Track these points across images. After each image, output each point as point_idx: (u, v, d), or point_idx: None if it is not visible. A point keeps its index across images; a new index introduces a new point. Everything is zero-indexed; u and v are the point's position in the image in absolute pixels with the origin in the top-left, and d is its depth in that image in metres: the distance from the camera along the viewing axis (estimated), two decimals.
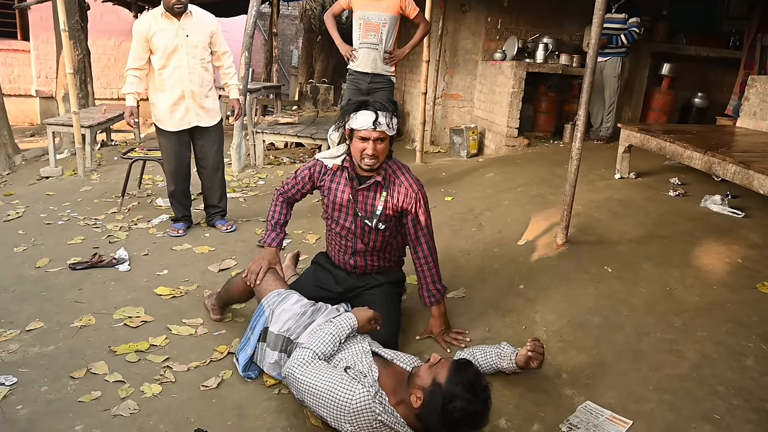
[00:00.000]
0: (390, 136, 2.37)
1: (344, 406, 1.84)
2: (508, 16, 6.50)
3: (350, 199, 2.49)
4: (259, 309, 2.35)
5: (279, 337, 2.23)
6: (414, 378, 1.91)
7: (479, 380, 1.83)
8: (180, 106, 3.72)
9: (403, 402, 1.89)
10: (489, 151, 6.35)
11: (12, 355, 2.40)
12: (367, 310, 2.25)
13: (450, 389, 1.78)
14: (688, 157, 3.48)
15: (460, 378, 1.80)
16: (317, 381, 1.92)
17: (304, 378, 1.95)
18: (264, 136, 6.25)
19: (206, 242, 3.81)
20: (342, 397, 1.85)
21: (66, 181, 5.62)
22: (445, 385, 1.79)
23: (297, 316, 2.29)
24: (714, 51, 6.41)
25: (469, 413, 1.77)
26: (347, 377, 1.91)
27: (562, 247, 3.18)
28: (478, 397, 1.79)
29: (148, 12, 3.72)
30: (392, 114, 2.33)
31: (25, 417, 2.01)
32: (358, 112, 2.33)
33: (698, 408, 1.92)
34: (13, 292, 2.98)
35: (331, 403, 1.87)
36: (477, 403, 1.78)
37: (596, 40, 2.86)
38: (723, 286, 2.62)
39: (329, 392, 1.88)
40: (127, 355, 2.43)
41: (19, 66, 11.42)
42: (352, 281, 2.65)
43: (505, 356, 2.16)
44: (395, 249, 2.68)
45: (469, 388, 1.79)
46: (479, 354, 2.22)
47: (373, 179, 2.44)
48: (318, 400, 1.90)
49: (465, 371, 1.84)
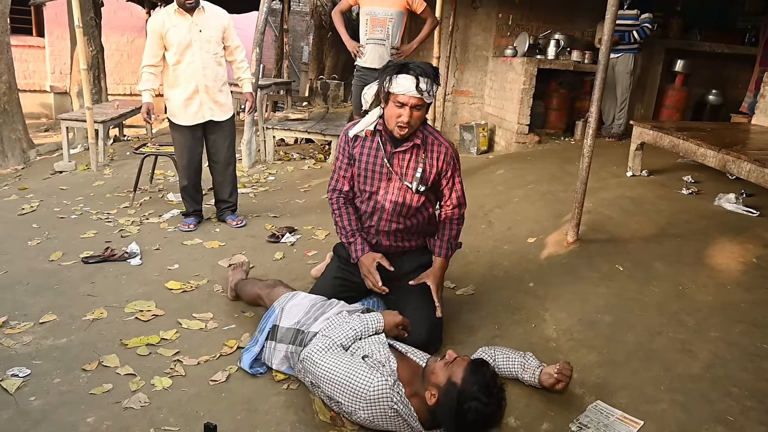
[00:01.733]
0: (428, 104, 2.29)
1: (361, 392, 1.85)
2: (520, 12, 6.46)
3: (384, 163, 2.40)
4: (270, 310, 2.36)
5: (290, 330, 2.24)
6: (429, 374, 1.92)
7: (495, 382, 1.83)
8: (194, 100, 3.75)
9: (417, 395, 1.90)
10: (499, 148, 6.32)
11: (26, 347, 2.43)
12: (397, 315, 2.20)
13: (466, 389, 1.78)
14: (701, 155, 3.44)
15: (477, 379, 1.80)
16: (336, 366, 1.94)
17: (323, 362, 1.97)
18: (274, 132, 6.26)
19: (217, 237, 3.82)
20: (360, 384, 1.87)
21: (79, 175, 5.67)
22: (461, 385, 1.79)
23: (306, 308, 2.30)
24: (729, 47, 6.33)
25: (483, 415, 1.76)
26: (365, 365, 1.92)
27: (573, 245, 3.16)
28: (493, 398, 1.79)
29: (161, 9, 3.76)
30: (433, 80, 2.22)
31: (38, 408, 2.04)
32: (398, 75, 2.20)
33: (711, 409, 1.90)
34: (27, 285, 3.02)
35: (347, 390, 1.88)
36: (492, 405, 1.78)
37: (608, 37, 2.83)
38: (737, 285, 2.59)
39: (347, 378, 1.89)
40: (138, 349, 2.45)
41: (34, 62, 11.54)
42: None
43: (529, 368, 2.10)
44: (421, 227, 2.55)
45: (485, 389, 1.78)
46: (500, 357, 2.18)
47: (412, 142, 2.35)
48: (335, 385, 1.91)
49: (481, 372, 1.83)
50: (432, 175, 2.42)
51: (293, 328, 2.24)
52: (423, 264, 2.56)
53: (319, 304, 2.34)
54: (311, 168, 5.99)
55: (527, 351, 2.22)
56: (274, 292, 2.51)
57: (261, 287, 2.62)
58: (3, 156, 6.74)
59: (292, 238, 3.80)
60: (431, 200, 2.53)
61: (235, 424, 2.00)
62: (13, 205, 4.53)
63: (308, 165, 6.11)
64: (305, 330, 2.21)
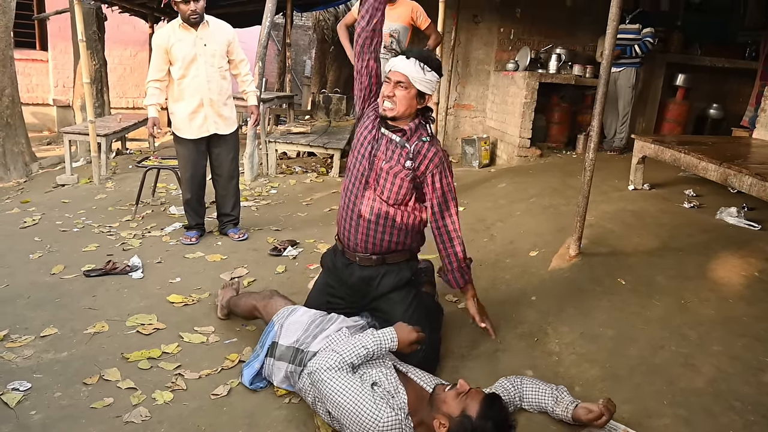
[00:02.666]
0: (419, 91, 2.22)
1: (370, 425, 1.81)
2: (521, 27, 6.51)
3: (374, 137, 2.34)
4: (270, 325, 2.34)
5: (289, 349, 2.21)
6: (439, 402, 1.87)
7: (508, 419, 1.82)
8: (199, 114, 3.77)
9: (423, 424, 1.87)
10: (501, 162, 6.34)
11: (26, 361, 2.42)
12: (412, 332, 2.10)
13: (480, 425, 1.75)
14: (703, 169, 3.44)
15: (492, 414, 1.77)
16: (344, 391, 1.87)
17: (331, 383, 1.89)
18: (277, 146, 6.29)
19: (218, 250, 3.83)
20: (369, 416, 1.81)
21: (81, 189, 5.69)
22: (476, 420, 1.76)
23: (306, 326, 2.28)
24: (729, 62, 6.37)
25: None
26: (376, 396, 1.87)
27: (575, 259, 3.16)
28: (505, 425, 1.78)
29: (166, 24, 3.78)
30: (423, 64, 2.18)
31: (38, 422, 2.03)
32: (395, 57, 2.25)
33: (714, 423, 1.89)
34: (28, 299, 3.02)
35: (355, 418, 1.83)
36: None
37: (610, 51, 2.85)
38: (739, 299, 2.58)
39: (356, 407, 1.83)
40: (139, 362, 2.44)
41: (37, 75, 11.62)
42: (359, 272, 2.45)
43: (562, 401, 2.01)
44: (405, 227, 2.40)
45: (500, 427, 1.77)
46: (529, 388, 2.09)
47: (400, 127, 2.29)
48: (342, 410, 1.86)
49: (497, 407, 1.80)
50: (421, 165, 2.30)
51: (293, 346, 2.22)
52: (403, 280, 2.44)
53: (318, 320, 2.32)
54: (313, 181, 6.01)
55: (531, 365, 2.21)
56: (271, 305, 2.47)
57: (257, 299, 2.59)
58: (5, 169, 6.77)
59: (294, 252, 3.80)
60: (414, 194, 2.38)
61: None
62: (15, 218, 4.54)
63: (310, 178, 6.12)
64: (304, 349, 2.20)
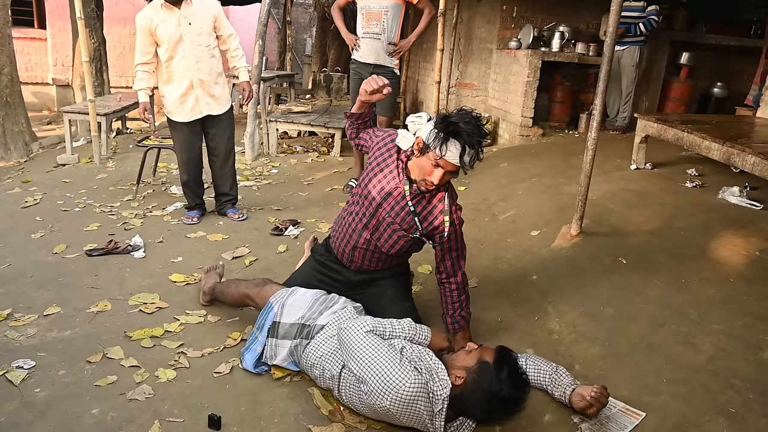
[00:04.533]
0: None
1: (394, 384, 1.79)
2: (524, 4, 6.42)
3: (406, 198, 2.27)
4: (267, 306, 2.31)
5: (294, 326, 2.22)
6: (451, 361, 1.94)
7: (520, 368, 1.86)
8: (189, 96, 3.70)
9: None
10: (503, 141, 6.31)
11: (30, 340, 2.44)
12: (445, 340, 2.15)
13: (499, 368, 1.81)
14: (706, 148, 3.42)
15: (509, 360, 1.83)
16: (373, 350, 1.88)
17: (362, 341, 1.92)
18: (277, 125, 6.26)
19: (220, 230, 3.83)
20: (395, 375, 1.80)
21: (82, 168, 5.67)
22: (494, 365, 1.82)
23: (310, 303, 2.28)
24: (734, 39, 6.28)
25: (512, 399, 1.80)
26: (404, 360, 1.88)
27: (576, 238, 3.16)
28: (522, 381, 1.82)
29: (148, 4, 3.61)
30: (477, 154, 2.12)
31: (43, 400, 2.05)
32: (449, 140, 2.07)
33: (713, 401, 1.91)
34: (31, 278, 3.03)
35: (380, 377, 1.82)
36: (521, 389, 1.81)
37: (614, 29, 2.81)
38: (740, 278, 2.59)
39: (383, 366, 1.84)
40: (142, 341, 2.46)
41: (35, 54, 11.54)
42: (350, 275, 2.51)
43: (560, 385, 2.04)
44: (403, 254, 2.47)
45: (515, 372, 1.82)
46: (531, 365, 2.13)
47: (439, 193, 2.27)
48: (368, 367, 1.86)
49: (512, 356, 1.87)
50: (430, 225, 2.31)
51: (298, 323, 2.22)
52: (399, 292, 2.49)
53: (322, 298, 2.33)
54: (314, 161, 5.99)
55: (532, 343, 2.22)
56: (265, 290, 2.43)
57: (248, 286, 2.53)
58: (6, 149, 6.75)
59: (295, 231, 3.81)
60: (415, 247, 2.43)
61: (239, 416, 2.01)
62: (17, 198, 4.54)
63: (311, 158, 6.10)
64: (311, 324, 2.21)
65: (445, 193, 2.30)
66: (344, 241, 2.46)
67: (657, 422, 1.87)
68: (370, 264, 2.46)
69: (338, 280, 2.53)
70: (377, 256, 2.43)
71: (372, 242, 2.39)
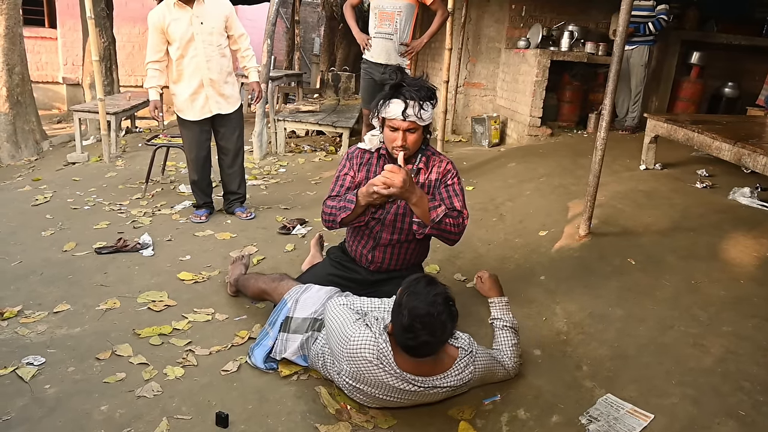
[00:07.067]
0: (423, 125, 2.24)
1: (344, 342, 1.94)
2: (533, 3, 6.39)
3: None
4: (282, 303, 2.36)
5: (306, 320, 2.25)
6: None
7: (432, 286, 1.86)
8: (200, 95, 3.72)
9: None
10: (511, 141, 6.29)
11: (40, 336, 2.46)
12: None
13: (402, 296, 1.86)
14: (716, 149, 3.40)
15: (414, 287, 1.86)
16: (337, 317, 2.02)
17: (332, 314, 2.05)
18: (285, 124, 6.27)
19: (228, 229, 3.84)
20: (346, 335, 1.94)
21: (92, 166, 5.71)
22: (399, 296, 1.87)
23: (323, 299, 2.30)
24: (746, 39, 6.23)
25: (420, 315, 1.78)
26: (359, 321, 1.98)
27: (585, 239, 3.15)
28: (428, 298, 1.81)
29: (161, 3, 3.64)
30: (422, 103, 2.17)
31: (52, 396, 2.07)
32: (390, 100, 2.20)
33: (722, 403, 1.89)
34: (41, 275, 3.05)
35: (337, 337, 1.98)
36: (429, 304, 1.80)
37: (623, 28, 2.80)
38: (750, 280, 2.56)
39: (340, 327, 1.98)
40: (150, 338, 2.47)
41: (46, 53, 11.62)
42: (367, 275, 2.55)
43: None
44: (416, 249, 2.53)
45: (420, 292, 1.83)
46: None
47: (415, 165, 2.34)
48: (330, 333, 2.03)
49: (418, 280, 1.89)
50: (432, 188, 2.37)
51: (310, 317, 2.25)
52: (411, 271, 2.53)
53: (335, 295, 2.35)
54: (322, 160, 6.00)
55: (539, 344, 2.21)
56: (281, 286, 2.48)
57: (266, 281, 2.58)
58: (17, 147, 6.80)
59: (303, 230, 3.81)
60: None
61: (246, 414, 2.02)
62: (27, 196, 4.58)
63: (319, 157, 6.11)
64: (322, 318, 2.22)
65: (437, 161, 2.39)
66: (362, 243, 2.51)
67: (665, 424, 1.86)
68: (390, 262, 2.51)
69: (354, 279, 2.56)
70: (397, 252, 2.48)
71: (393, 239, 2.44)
